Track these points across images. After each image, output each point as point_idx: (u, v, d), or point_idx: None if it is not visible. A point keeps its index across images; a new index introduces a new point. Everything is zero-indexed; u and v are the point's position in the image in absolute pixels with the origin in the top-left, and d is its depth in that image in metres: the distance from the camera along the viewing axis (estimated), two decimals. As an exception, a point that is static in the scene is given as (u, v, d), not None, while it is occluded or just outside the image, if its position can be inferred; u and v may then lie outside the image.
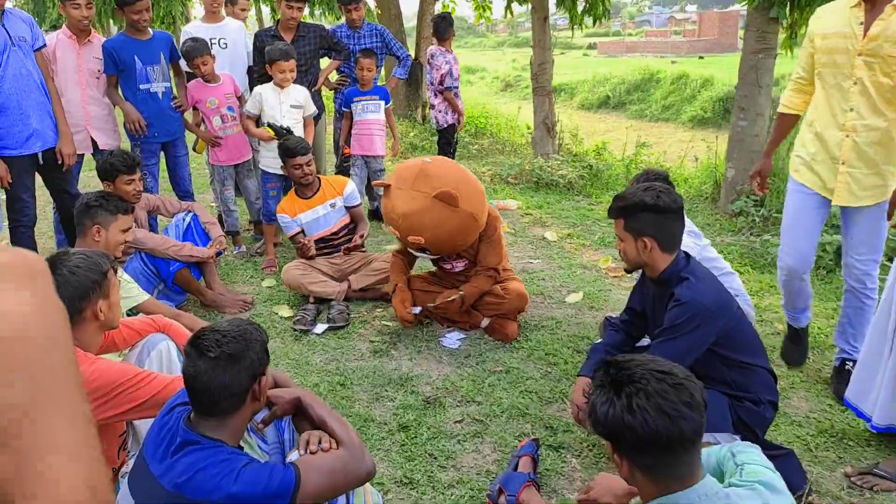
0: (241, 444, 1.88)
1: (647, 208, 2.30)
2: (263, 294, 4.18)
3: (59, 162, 3.90)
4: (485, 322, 3.61)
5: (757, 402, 2.27)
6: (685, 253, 2.38)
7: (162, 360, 2.32)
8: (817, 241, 2.95)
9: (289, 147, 4.01)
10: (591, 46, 43.70)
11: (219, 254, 3.97)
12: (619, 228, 2.40)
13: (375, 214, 5.59)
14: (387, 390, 3.07)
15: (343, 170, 5.42)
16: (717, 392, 2.26)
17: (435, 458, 2.58)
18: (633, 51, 38.56)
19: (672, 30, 53.51)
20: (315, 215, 4.11)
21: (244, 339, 1.67)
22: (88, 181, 5.86)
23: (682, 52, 35.62)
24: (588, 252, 4.84)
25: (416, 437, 2.72)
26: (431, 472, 2.50)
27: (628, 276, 4.36)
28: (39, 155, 3.78)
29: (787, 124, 3.13)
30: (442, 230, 3.27)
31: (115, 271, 2.10)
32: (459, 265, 3.63)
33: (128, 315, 2.90)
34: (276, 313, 3.90)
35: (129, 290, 2.80)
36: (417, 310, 3.48)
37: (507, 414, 2.85)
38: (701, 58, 30.95)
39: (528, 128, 9.61)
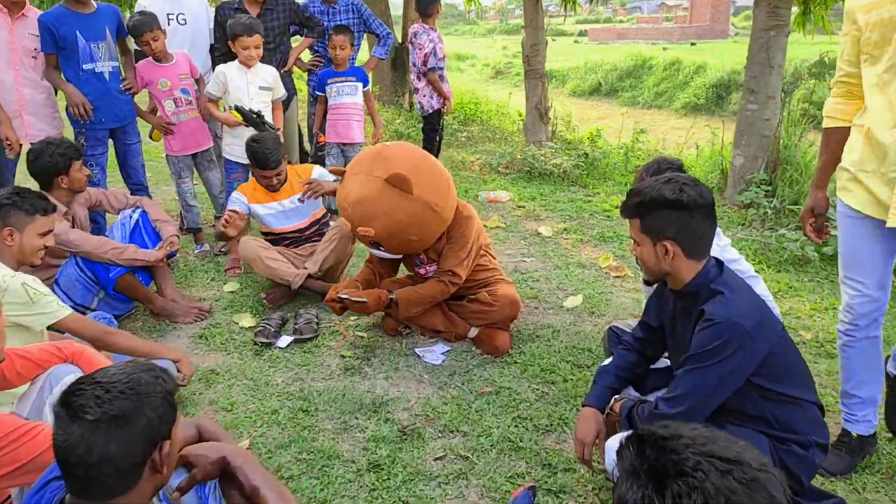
0: (151, 519, 1.44)
1: (668, 205, 1.86)
2: (224, 300, 3.72)
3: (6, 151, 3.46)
4: (473, 332, 3.17)
5: (804, 445, 1.84)
6: (716, 260, 1.95)
7: (68, 398, 1.87)
8: (889, 278, 2.21)
9: (258, 158, 3.53)
10: (582, 34, 43.17)
11: (170, 256, 3.51)
12: (634, 230, 1.96)
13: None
14: (357, 418, 2.62)
15: (318, 159, 4.96)
16: (755, 432, 1.84)
17: (411, 506, 2.15)
18: (624, 37, 38.03)
19: (663, 16, 52.96)
20: (281, 208, 3.69)
21: (136, 394, 1.23)
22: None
23: (674, 39, 35.15)
24: (587, 249, 4.41)
25: (388, 478, 2.28)
26: (406, 525, 2.07)
27: (631, 275, 3.94)
28: None
29: (837, 141, 2.26)
30: (392, 220, 2.84)
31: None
32: (433, 268, 3.19)
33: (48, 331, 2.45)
34: (237, 323, 3.44)
35: (45, 304, 2.33)
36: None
37: (497, 448, 2.42)
38: (693, 44, 30.54)
39: (520, 115, 9.17)
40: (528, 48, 6.83)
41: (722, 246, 2.70)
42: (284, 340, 3.19)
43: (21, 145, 3.68)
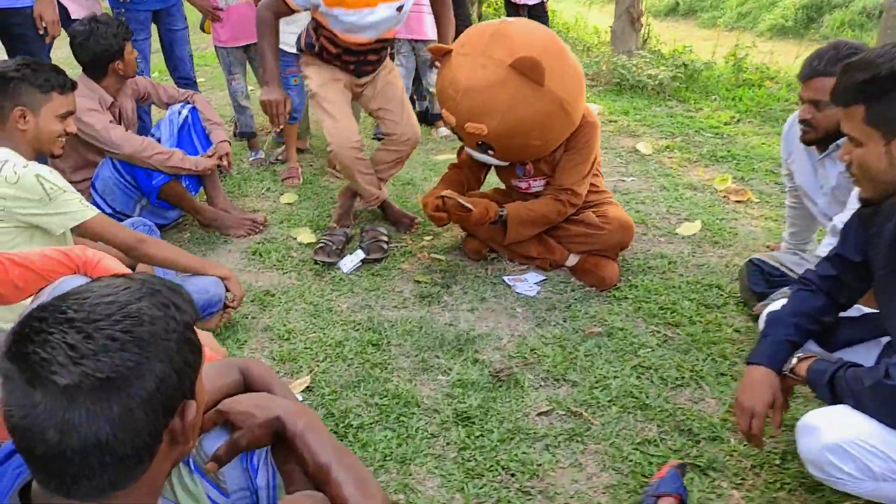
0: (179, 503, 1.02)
1: (919, 84, 1.25)
2: (280, 212, 3.27)
3: (41, 32, 3.01)
4: (571, 260, 2.64)
5: None
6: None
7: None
8: None
9: None
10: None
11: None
12: (852, 123, 1.36)
13: (424, 118, 4.57)
14: (438, 356, 2.16)
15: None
16: None
17: (513, 475, 1.69)
18: (705, -47, 35.18)
19: (748, -69, 48.71)
20: (371, 17, 2.52)
21: (135, 340, 0.74)
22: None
23: (761, -45, 32.27)
24: (696, 169, 3.76)
25: (481, 434, 1.82)
26: (509, 500, 1.61)
27: (756, 201, 3.30)
28: None
29: None
30: (514, 116, 2.29)
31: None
32: (538, 183, 2.65)
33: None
34: (294, 238, 2.99)
35: (65, 202, 1.89)
36: None
37: (617, 404, 1.92)
38: (783, -40, 27.95)
39: (596, 30, 8.39)
40: (623, -59, 5.96)
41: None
42: (349, 262, 2.72)
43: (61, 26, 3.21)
